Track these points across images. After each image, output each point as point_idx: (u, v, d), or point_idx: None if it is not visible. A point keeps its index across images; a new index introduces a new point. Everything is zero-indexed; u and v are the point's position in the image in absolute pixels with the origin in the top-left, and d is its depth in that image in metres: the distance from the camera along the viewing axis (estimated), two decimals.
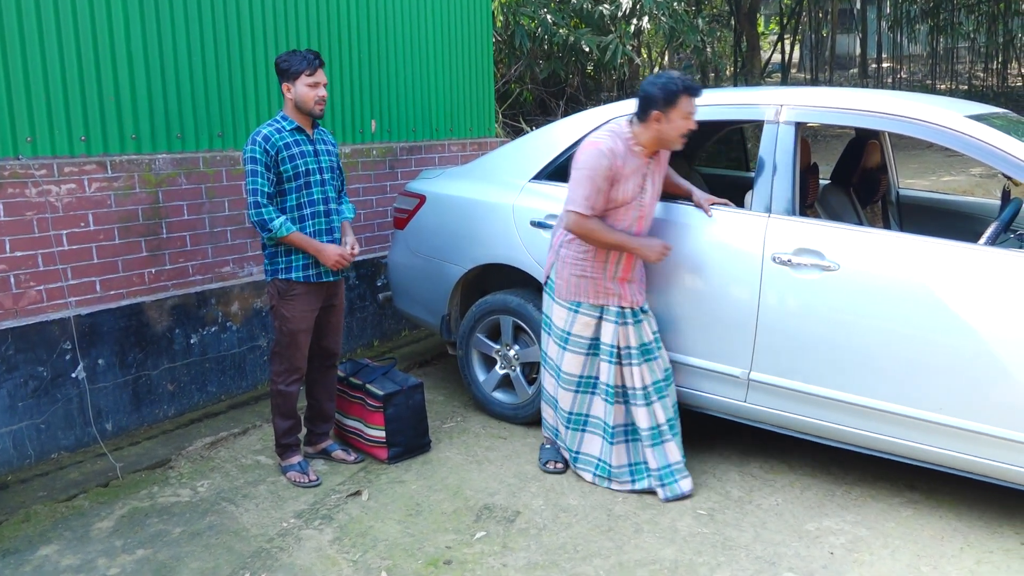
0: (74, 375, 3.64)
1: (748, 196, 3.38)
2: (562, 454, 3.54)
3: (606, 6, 9.93)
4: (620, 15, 10.10)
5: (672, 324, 3.45)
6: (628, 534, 3.05)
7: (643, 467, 3.34)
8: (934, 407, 2.93)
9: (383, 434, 3.61)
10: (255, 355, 4.43)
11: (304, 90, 3.26)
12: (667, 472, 3.30)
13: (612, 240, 3.18)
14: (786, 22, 25.17)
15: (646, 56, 18.91)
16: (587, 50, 9.71)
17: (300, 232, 3.29)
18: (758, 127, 3.46)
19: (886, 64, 25.13)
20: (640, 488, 3.34)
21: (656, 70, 18.33)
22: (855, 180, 4.38)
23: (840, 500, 3.29)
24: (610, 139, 3.14)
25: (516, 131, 9.40)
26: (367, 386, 3.66)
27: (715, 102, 3.59)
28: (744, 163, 5.24)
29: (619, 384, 3.34)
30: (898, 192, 4.67)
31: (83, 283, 3.68)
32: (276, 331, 3.42)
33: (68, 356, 3.61)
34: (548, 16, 9.29)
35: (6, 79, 3.39)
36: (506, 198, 3.88)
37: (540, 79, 10.39)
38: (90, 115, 3.69)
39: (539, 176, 3.86)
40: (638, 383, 3.29)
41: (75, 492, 3.34)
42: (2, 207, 3.39)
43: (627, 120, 3.21)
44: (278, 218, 3.23)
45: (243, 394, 4.38)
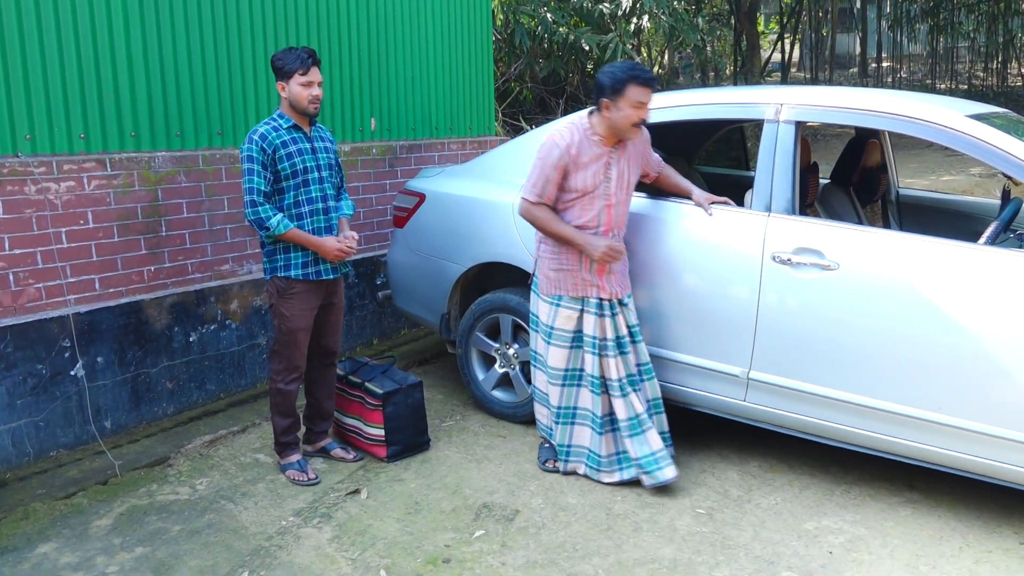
0: (73, 373, 3.64)
1: (748, 195, 3.38)
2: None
3: (606, 5, 9.93)
4: (620, 14, 10.09)
5: (671, 323, 3.46)
6: (627, 533, 3.05)
7: (627, 456, 3.36)
8: (933, 407, 2.94)
9: (382, 432, 3.61)
10: (254, 353, 4.43)
11: (298, 89, 3.24)
12: (650, 460, 3.30)
13: (557, 231, 3.24)
14: (786, 21, 25.18)
15: (646, 55, 18.90)
16: (587, 49, 9.71)
17: (298, 229, 3.28)
18: (758, 126, 3.46)
19: (886, 63, 25.12)
20: (628, 478, 3.35)
21: (656, 69, 18.32)
22: (855, 179, 4.38)
23: (839, 499, 3.29)
24: (567, 130, 3.21)
25: (516, 130, 9.40)
26: (366, 384, 3.66)
27: (715, 101, 3.59)
28: (744, 162, 5.24)
29: (602, 375, 3.36)
30: (898, 191, 4.67)
31: (82, 281, 3.68)
32: (275, 329, 3.41)
33: (67, 354, 3.61)
34: (548, 15, 9.29)
35: (5, 77, 3.39)
36: (506, 196, 3.88)
37: (540, 78, 10.39)
38: (89, 113, 3.68)
39: None
40: (614, 374, 3.31)
41: (74, 490, 3.34)
42: (1, 205, 3.38)
43: (588, 111, 3.28)
44: (275, 216, 3.22)
45: (242, 392, 4.37)
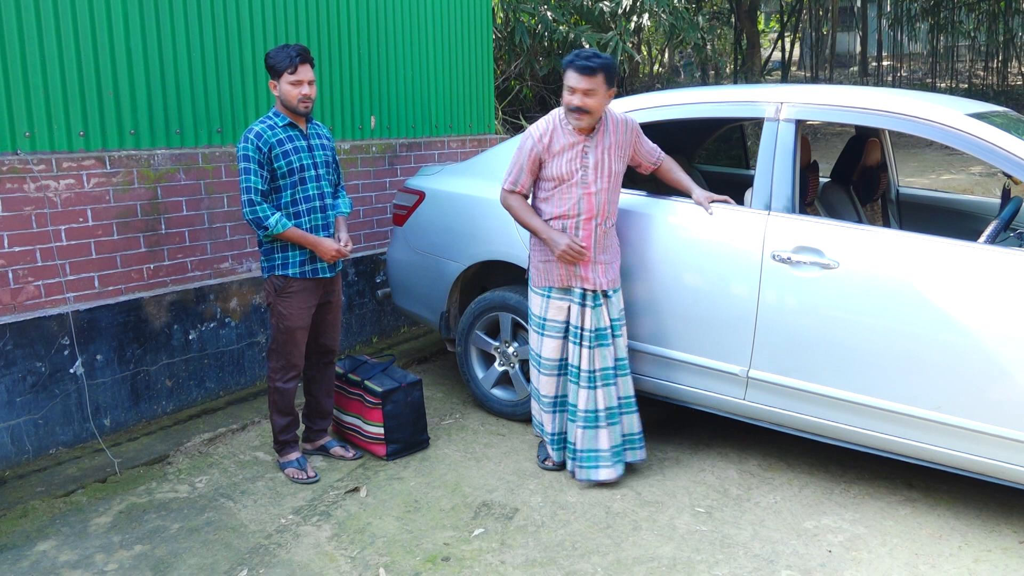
0: (72, 370, 3.64)
1: (748, 194, 3.38)
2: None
3: (606, 3, 9.91)
4: (620, 12, 10.08)
5: (671, 321, 3.45)
6: (626, 531, 3.05)
7: (571, 444, 3.37)
8: (933, 405, 2.93)
9: (381, 431, 3.61)
10: (253, 351, 4.43)
11: (287, 88, 3.23)
12: (590, 456, 3.32)
13: (526, 220, 3.32)
14: (786, 20, 25.15)
15: (646, 53, 18.89)
16: (587, 47, 9.68)
17: (296, 227, 3.28)
18: (758, 125, 3.46)
19: (886, 62, 25.10)
20: (568, 469, 3.40)
21: (656, 68, 18.32)
22: (855, 178, 4.38)
23: (838, 498, 3.29)
24: (544, 121, 3.30)
25: (516, 128, 9.39)
26: (366, 383, 3.66)
27: (715, 99, 3.59)
28: (744, 161, 5.24)
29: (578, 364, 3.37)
30: (898, 190, 4.67)
31: (81, 279, 3.68)
32: (273, 328, 3.41)
33: (66, 352, 3.61)
34: (548, 13, 9.27)
35: (4, 74, 3.38)
36: None
37: (540, 76, 10.36)
38: (89, 110, 3.68)
39: None
40: (585, 365, 3.31)
41: (73, 488, 3.34)
42: (1, 202, 3.38)
43: None
44: (273, 215, 3.21)
45: (241, 390, 4.37)
